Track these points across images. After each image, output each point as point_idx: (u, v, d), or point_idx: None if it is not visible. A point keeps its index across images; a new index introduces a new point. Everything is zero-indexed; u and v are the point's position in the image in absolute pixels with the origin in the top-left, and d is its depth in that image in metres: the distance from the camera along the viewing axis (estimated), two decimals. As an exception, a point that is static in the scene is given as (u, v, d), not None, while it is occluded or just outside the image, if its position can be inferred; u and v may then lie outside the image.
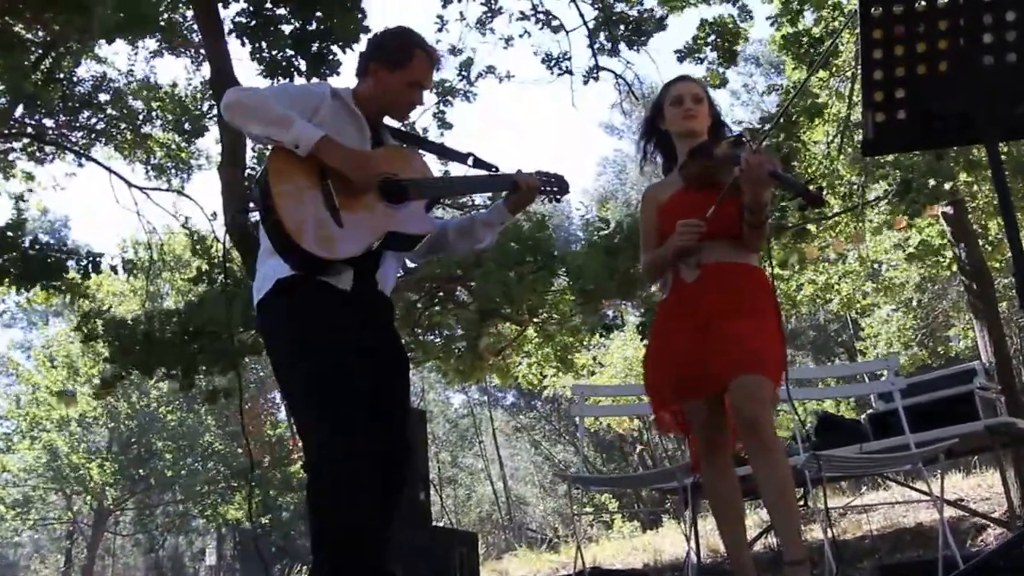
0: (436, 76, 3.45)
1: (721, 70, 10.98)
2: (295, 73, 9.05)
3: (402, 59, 3.06)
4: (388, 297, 3.07)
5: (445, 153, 3.57)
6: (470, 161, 3.33)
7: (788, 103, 10.03)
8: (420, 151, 3.34)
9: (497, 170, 3.31)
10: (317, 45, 8.80)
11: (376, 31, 3.27)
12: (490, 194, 3.42)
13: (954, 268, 12.30)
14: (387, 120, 3.20)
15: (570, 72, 11.66)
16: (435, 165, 10.47)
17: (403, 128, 3.58)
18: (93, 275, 10.26)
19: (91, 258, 10.12)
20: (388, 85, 3.07)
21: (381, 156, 3.01)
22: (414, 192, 2.98)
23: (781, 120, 10.22)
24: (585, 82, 11.65)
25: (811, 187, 3.16)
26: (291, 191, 2.78)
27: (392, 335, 3.08)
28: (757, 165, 3.04)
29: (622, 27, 11.10)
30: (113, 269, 10.91)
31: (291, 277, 2.80)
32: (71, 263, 9.97)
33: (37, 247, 9.77)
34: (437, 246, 3.35)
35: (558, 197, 3.38)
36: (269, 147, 2.92)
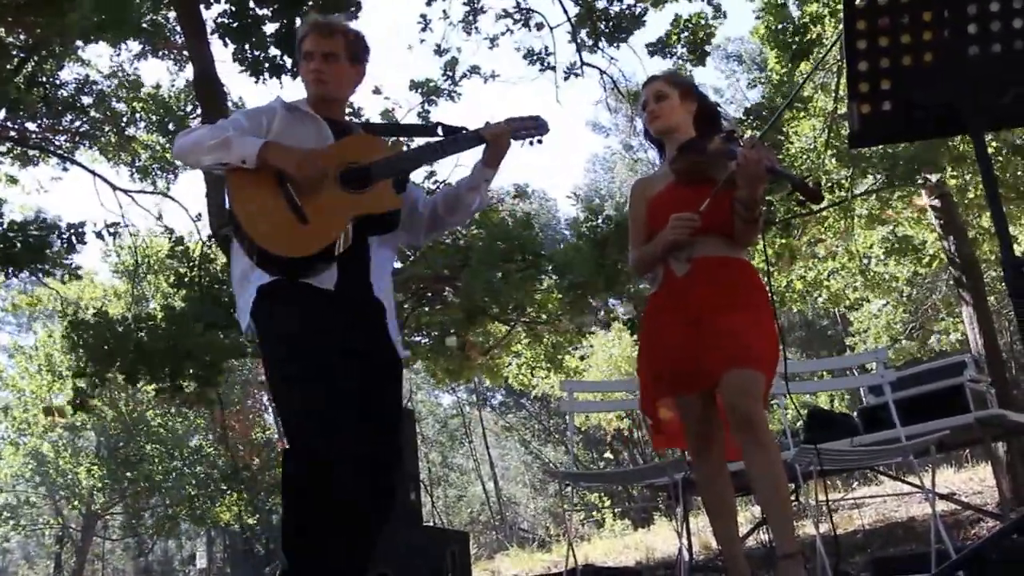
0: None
1: (690, 67, 11.00)
2: (281, 72, 9.04)
3: (297, 46, 3.17)
4: (379, 299, 3.03)
5: (412, 131, 3.56)
6: (439, 131, 3.30)
7: (785, 105, 10.01)
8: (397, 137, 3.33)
9: (464, 129, 3.26)
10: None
11: None
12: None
13: (934, 264, 12.36)
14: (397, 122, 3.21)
15: (552, 68, 11.67)
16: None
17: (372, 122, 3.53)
18: (79, 247, 10.23)
19: (72, 229, 10.09)
20: (301, 71, 3.17)
21: (339, 148, 3.01)
22: (377, 173, 2.96)
23: (764, 113, 10.22)
24: (566, 77, 11.67)
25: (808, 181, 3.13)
26: (253, 205, 2.84)
27: (384, 337, 3.03)
28: (755, 161, 3.02)
29: (602, 24, 11.10)
30: (98, 235, 10.92)
31: (272, 282, 2.82)
32: (54, 239, 9.94)
33: (16, 227, 9.71)
34: (434, 224, 3.35)
35: (539, 138, 3.31)
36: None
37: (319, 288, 2.84)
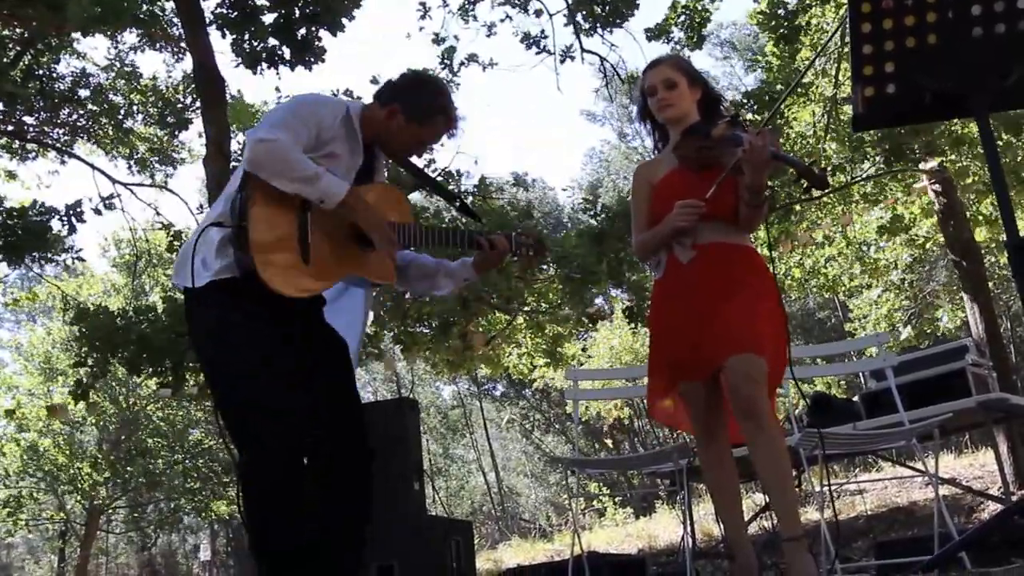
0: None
1: (688, 52, 11.02)
2: (278, 63, 9.04)
3: (422, 118, 3.04)
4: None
5: (435, 188, 3.53)
6: (456, 203, 3.32)
7: (788, 93, 9.98)
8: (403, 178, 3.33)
9: (479, 219, 3.33)
10: (304, 32, 8.81)
11: (415, 71, 3.23)
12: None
13: (927, 245, 12.36)
14: None
15: (549, 52, 11.69)
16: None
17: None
18: (79, 225, 10.28)
19: (70, 211, 10.10)
20: (399, 130, 3.04)
21: (374, 198, 2.96)
22: None
23: (766, 98, 10.19)
24: (562, 61, 11.68)
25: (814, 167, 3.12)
26: (268, 215, 2.76)
27: (321, 322, 3.03)
28: (761, 148, 3.01)
29: (597, 8, 11.09)
30: (96, 211, 10.96)
31: (231, 279, 2.75)
32: (54, 222, 9.99)
33: (16, 213, 9.73)
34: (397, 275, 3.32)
35: (533, 258, 3.35)
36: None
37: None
